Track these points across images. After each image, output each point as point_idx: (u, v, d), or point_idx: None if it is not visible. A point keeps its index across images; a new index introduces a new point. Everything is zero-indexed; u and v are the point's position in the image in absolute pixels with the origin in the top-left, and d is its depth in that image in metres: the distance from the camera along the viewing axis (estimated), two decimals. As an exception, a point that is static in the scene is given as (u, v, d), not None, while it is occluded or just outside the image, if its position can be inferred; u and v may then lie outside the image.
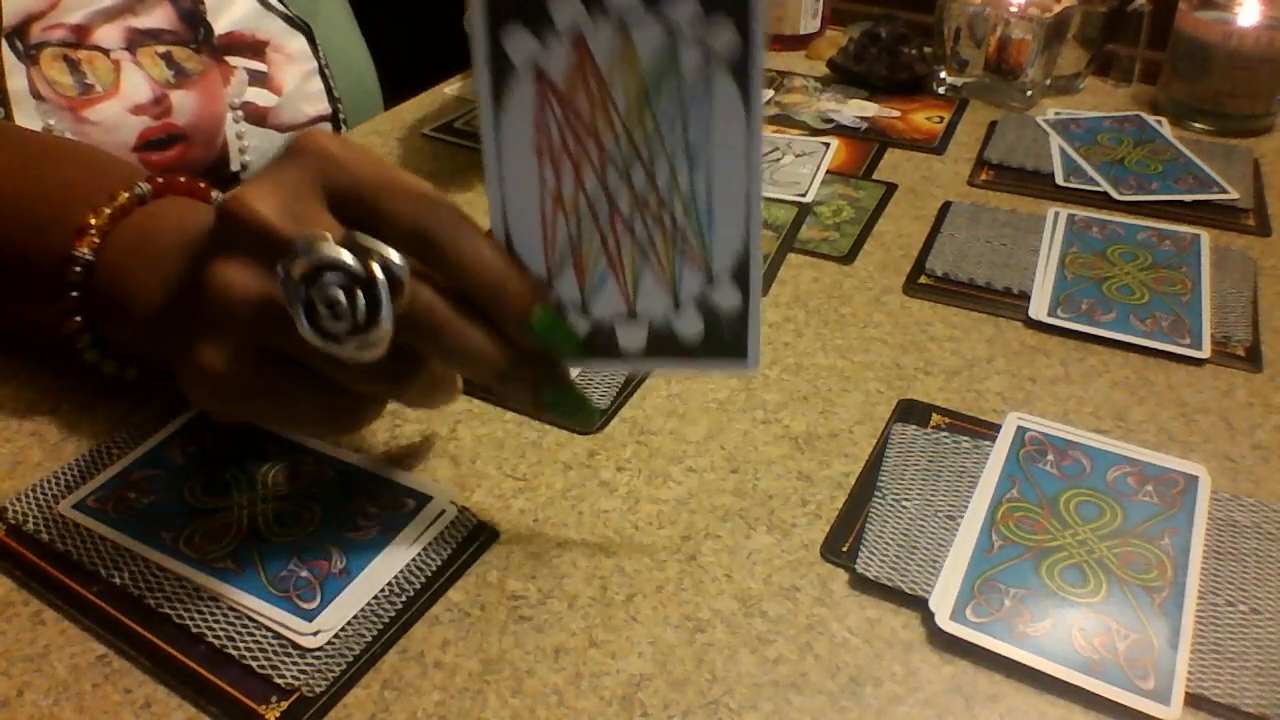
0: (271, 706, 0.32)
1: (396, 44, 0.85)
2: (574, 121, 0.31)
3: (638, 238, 0.33)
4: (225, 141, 0.67)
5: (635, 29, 0.30)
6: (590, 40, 0.30)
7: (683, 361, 0.35)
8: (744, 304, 0.34)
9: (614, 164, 0.32)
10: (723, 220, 0.32)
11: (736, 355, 0.34)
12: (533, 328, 0.33)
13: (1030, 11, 0.72)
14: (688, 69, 0.30)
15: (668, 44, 0.30)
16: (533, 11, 0.30)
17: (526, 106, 0.31)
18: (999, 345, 0.49)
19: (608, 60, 0.31)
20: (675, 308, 0.34)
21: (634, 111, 0.31)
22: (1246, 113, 0.71)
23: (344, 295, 0.31)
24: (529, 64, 0.31)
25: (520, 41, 0.30)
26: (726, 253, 0.33)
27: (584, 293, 0.34)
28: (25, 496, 0.39)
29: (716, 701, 0.32)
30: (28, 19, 0.60)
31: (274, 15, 0.71)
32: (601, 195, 0.32)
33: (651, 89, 0.31)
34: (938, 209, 0.62)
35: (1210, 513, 0.39)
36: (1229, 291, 0.53)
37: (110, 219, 0.40)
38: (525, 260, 0.33)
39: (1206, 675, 0.33)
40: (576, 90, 0.31)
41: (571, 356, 0.35)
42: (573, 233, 0.33)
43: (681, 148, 0.32)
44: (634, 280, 0.33)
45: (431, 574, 0.36)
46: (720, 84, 0.31)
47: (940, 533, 0.38)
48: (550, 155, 0.32)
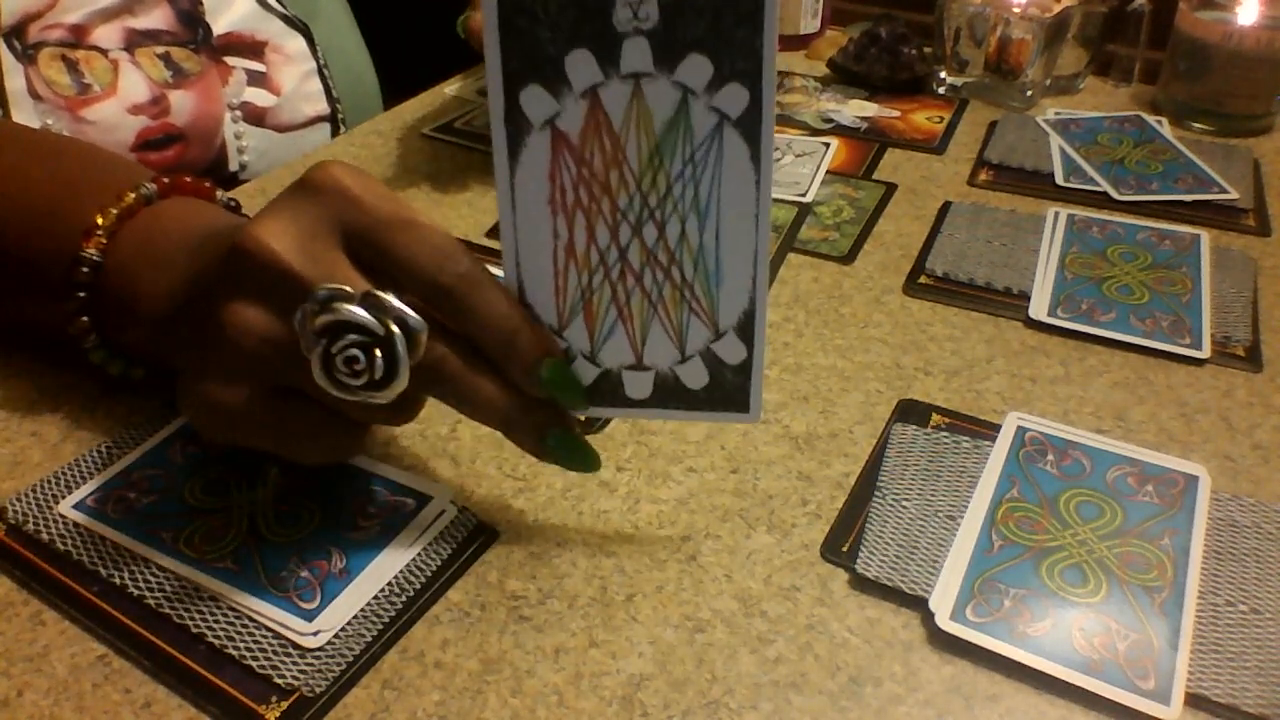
0: (271, 706, 0.32)
1: (396, 44, 0.85)
2: (587, 177, 0.32)
3: (647, 291, 0.34)
4: (224, 141, 0.67)
5: (649, 90, 0.31)
6: (605, 99, 0.31)
7: (686, 411, 0.36)
8: (748, 358, 0.35)
9: (626, 219, 0.33)
10: (730, 276, 0.33)
11: (739, 408, 0.35)
12: (541, 379, 0.34)
13: (1030, 11, 0.72)
14: (699, 129, 0.31)
15: (681, 105, 0.31)
16: (550, 73, 0.31)
17: (541, 161, 0.32)
18: (999, 345, 0.49)
19: (622, 119, 0.31)
20: (681, 360, 0.35)
21: (646, 168, 0.32)
22: (1246, 113, 0.71)
23: (362, 353, 0.32)
24: (544, 121, 0.31)
25: (537, 101, 0.31)
26: (733, 308, 0.34)
27: (593, 342, 0.35)
28: (25, 496, 0.39)
29: (716, 701, 0.32)
30: (26, 19, 0.60)
31: (273, 16, 0.71)
32: (613, 248, 0.33)
33: (664, 147, 0.32)
34: (938, 209, 0.62)
35: (1210, 513, 0.39)
36: (1229, 291, 0.53)
37: (117, 219, 0.40)
38: (537, 308, 0.34)
39: (1206, 675, 0.33)
40: (590, 147, 0.32)
41: (577, 406, 0.36)
42: (584, 284, 0.34)
43: (692, 205, 0.32)
44: (642, 332, 0.34)
45: (431, 574, 0.36)
46: (731, 144, 0.31)
47: (940, 533, 0.38)
48: (564, 208, 0.33)
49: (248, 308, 0.33)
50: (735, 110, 0.31)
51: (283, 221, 0.33)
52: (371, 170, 0.66)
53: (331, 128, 0.74)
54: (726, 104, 0.31)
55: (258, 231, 0.33)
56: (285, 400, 0.34)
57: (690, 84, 0.31)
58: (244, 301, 0.33)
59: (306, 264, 0.33)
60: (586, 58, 0.30)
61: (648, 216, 0.33)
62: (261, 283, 0.33)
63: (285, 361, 0.33)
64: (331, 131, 0.74)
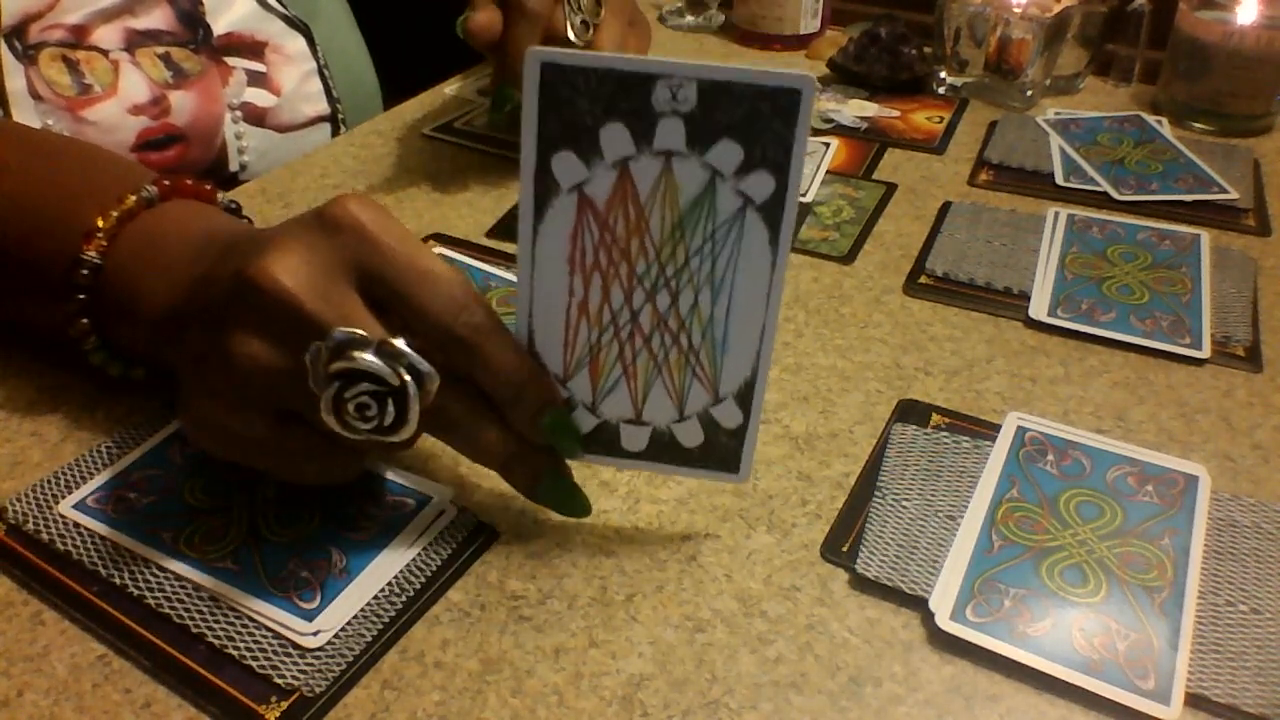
0: (271, 706, 0.32)
1: (396, 44, 0.85)
2: (609, 241, 0.33)
3: (654, 352, 0.35)
4: (224, 142, 0.67)
5: (679, 167, 0.31)
6: (635, 172, 0.32)
7: (677, 467, 0.37)
8: (744, 424, 0.36)
9: (642, 284, 0.33)
10: (736, 347, 0.34)
11: (729, 469, 0.37)
12: (543, 429, 0.35)
13: (1030, 11, 0.72)
14: (723, 210, 0.32)
15: (708, 185, 0.32)
16: (585, 142, 0.31)
17: (565, 222, 0.33)
18: (999, 345, 0.49)
19: (649, 191, 0.32)
20: (679, 419, 0.36)
21: (667, 240, 0.33)
22: (1246, 113, 0.71)
23: (374, 401, 0.32)
24: (573, 186, 0.32)
25: (568, 166, 0.32)
26: (735, 377, 0.35)
27: (595, 394, 0.36)
28: (25, 496, 0.39)
29: (716, 701, 0.32)
30: (26, 19, 0.60)
31: (273, 16, 0.71)
32: (626, 310, 0.34)
33: (687, 222, 0.32)
34: (938, 209, 0.62)
35: (1210, 513, 0.39)
36: (1229, 291, 0.53)
37: (118, 222, 0.40)
38: (544, 356, 0.35)
39: (1206, 675, 0.33)
40: (615, 214, 0.32)
41: (574, 455, 0.37)
42: (593, 340, 0.34)
43: (707, 279, 0.33)
44: (644, 390, 0.35)
45: (431, 574, 0.36)
46: (752, 227, 0.32)
47: (940, 533, 0.38)
48: (582, 269, 0.33)
49: (256, 341, 0.33)
50: (760, 196, 0.32)
51: (296, 257, 0.33)
52: (371, 170, 0.66)
53: (332, 128, 0.74)
54: (752, 189, 0.32)
55: (271, 266, 0.33)
56: (286, 425, 0.35)
57: (719, 167, 0.31)
58: (252, 335, 0.33)
59: (320, 304, 0.32)
60: (621, 132, 0.31)
61: (663, 285, 0.33)
62: (273, 318, 0.33)
63: (290, 393, 0.33)
64: (332, 132, 0.74)
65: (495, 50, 0.59)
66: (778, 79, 0.30)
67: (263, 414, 0.34)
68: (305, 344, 0.32)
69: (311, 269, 0.33)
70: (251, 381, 0.33)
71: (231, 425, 0.34)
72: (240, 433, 0.34)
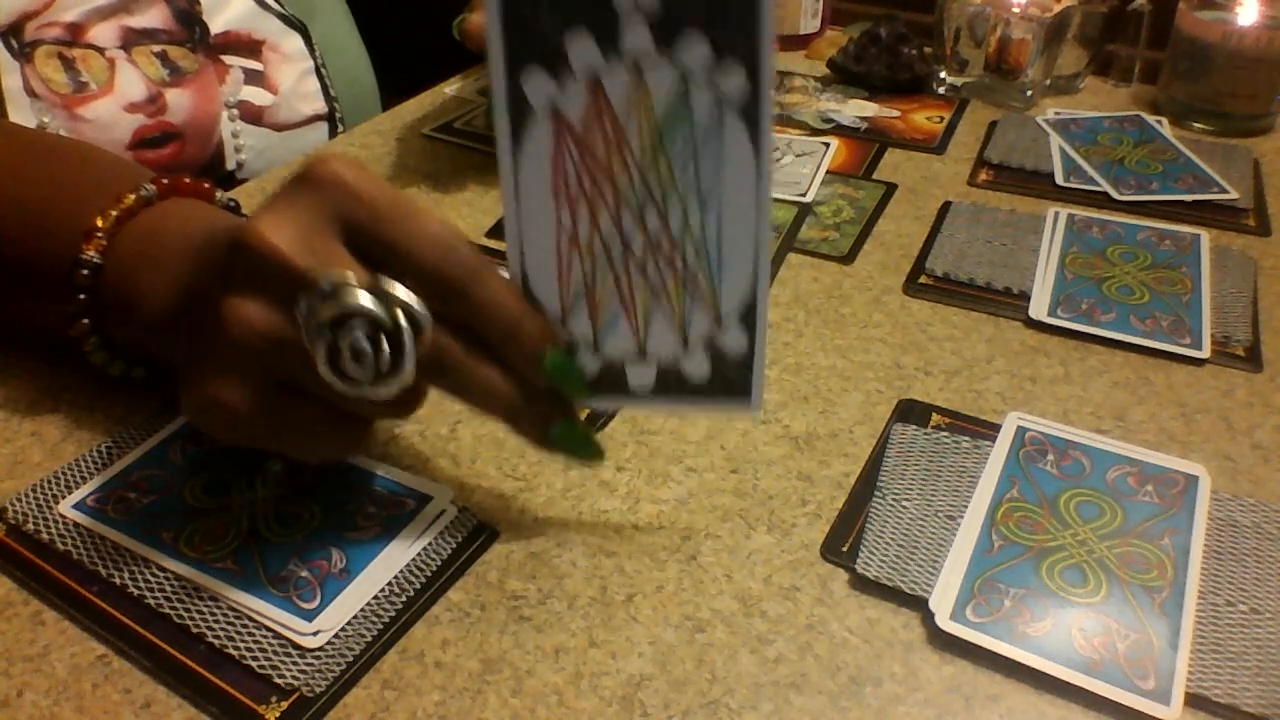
0: (271, 706, 0.32)
1: (394, 43, 0.85)
2: (590, 163, 0.32)
3: (650, 279, 0.34)
4: (220, 140, 0.67)
5: (649, 72, 0.31)
6: (606, 83, 0.31)
7: (688, 402, 0.36)
8: (750, 348, 0.35)
9: (628, 206, 0.33)
10: (732, 264, 0.33)
11: (740, 396, 0.36)
12: (544, 368, 0.34)
13: (1030, 11, 0.72)
14: (700, 113, 0.31)
15: (680, 87, 0.31)
16: (550, 55, 0.31)
17: (544, 148, 0.32)
18: (999, 345, 0.49)
19: (623, 103, 0.31)
20: (684, 349, 0.35)
21: (648, 154, 0.32)
22: (1246, 113, 0.71)
23: (369, 345, 0.32)
24: (547, 107, 0.32)
25: (538, 84, 0.31)
26: (734, 296, 0.34)
27: (596, 332, 0.35)
28: (25, 496, 0.39)
29: (716, 701, 0.32)
30: (23, 17, 0.60)
31: (270, 14, 0.71)
32: (616, 237, 0.33)
33: (665, 132, 0.32)
34: (938, 209, 0.62)
35: (1210, 513, 0.39)
36: (1229, 291, 0.53)
37: (117, 221, 0.40)
38: (540, 298, 0.34)
39: (1206, 675, 0.33)
40: (592, 132, 0.32)
41: (580, 396, 0.36)
42: (587, 273, 0.34)
43: (694, 190, 0.32)
44: (645, 321, 0.35)
45: (431, 574, 0.36)
46: (731, 128, 0.32)
47: (940, 533, 0.38)
48: (567, 197, 0.33)
49: (247, 302, 0.33)
50: (735, 93, 0.31)
51: (281, 216, 0.33)
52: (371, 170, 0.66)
53: (329, 127, 0.74)
54: (726, 87, 0.31)
55: (257, 226, 0.33)
56: (286, 396, 0.34)
57: (690, 66, 0.31)
58: (243, 296, 0.33)
59: (306, 255, 0.32)
60: (586, 39, 0.30)
61: (650, 203, 0.33)
62: (262, 276, 0.33)
63: (286, 356, 0.33)
64: (329, 130, 0.74)
65: None
66: None
67: (261, 383, 0.34)
68: (296, 299, 0.32)
69: (298, 225, 0.33)
70: (248, 346, 0.33)
71: (230, 398, 0.34)
72: (239, 405, 0.34)
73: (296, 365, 0.33)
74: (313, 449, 0.36)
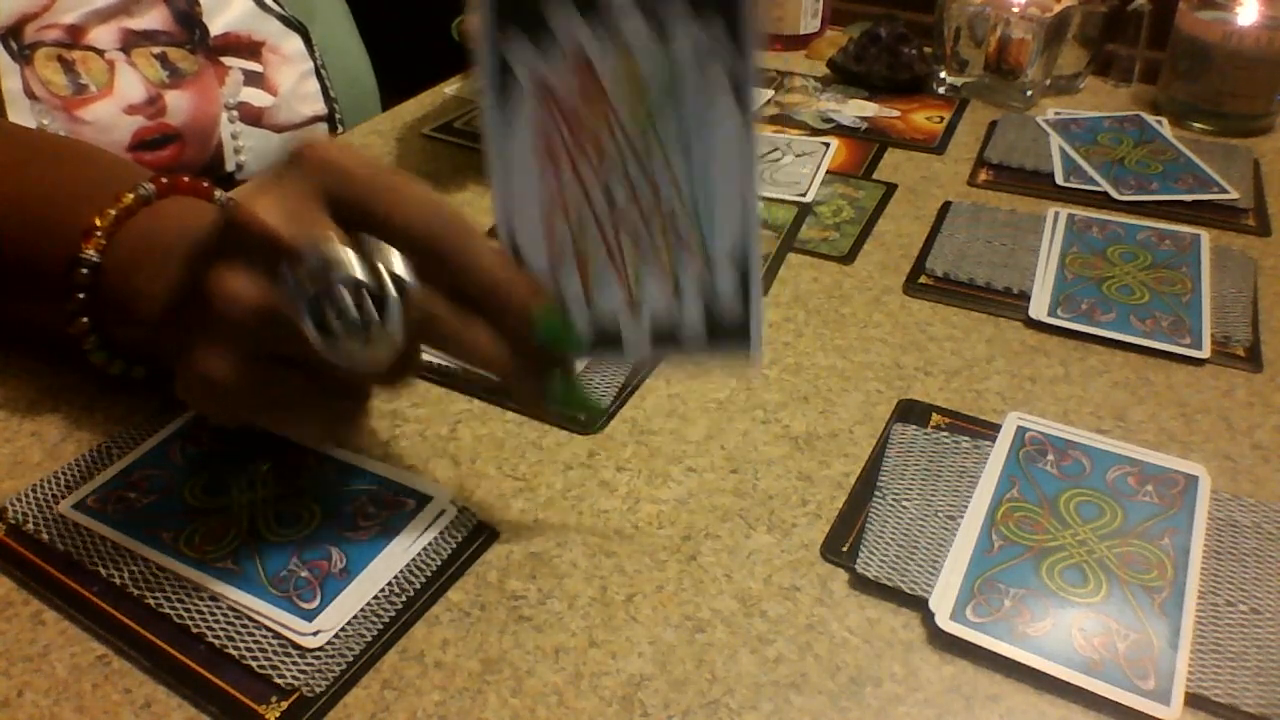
0: (271, 706, 0.32)
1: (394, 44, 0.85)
2: (573, 122, 0.32)
3: (637, 229, 0.34)
4: (220, 142, 0.67)
5: (628, 30, 0.31)
6: (587, 45, 0.31)
7: (686, 352, 0.35)
8: (744, 288, 0.34)
9: (611, 161, 0.33)
10: (720, 208, 0.33)
11: (738, 342, 0.35)
12: (535, 327, 0.34)
13: (1030, 11, 0.72)
14: (680, 60, 0.31)
15: (659, 36, 0.31)
16: (533, 21, 0.31)
17: (528, 110, 0.32)
18: (999, 345, 0.49)
19: (604, 62, 0.31)
20: (676, 298, 0.34)
21: (629, 107, 0.32)
22: (1246, 113, 0.71)
23: (353, 305, 0.31)
24: (530, 70, 0.31)
25: (522, 50, 0.31)
26: (725, 240, 0.33)
27: (587, 287, 0.34)
28: (25, 496, 0.39)
29: (716, 701, 0.32)
30: (22, 19, 0.60)
31: (270, 16, 0.71)
32: (599, 190, 0.33)
33: (645, 80, 0.32)
34: (938, 209, 0.62)
35: (1210, 513, 0.39)
36: (1229, 291, 0.53)
37: (115, 220, 0.40)
38: (528, 258, 0.34)
39: (1206, 675, 0.33)
40: (573, 90, 0.32)
41: (575, 351, 0.35)
42: (574, 230, 0.34)
43: (677, 145, 0.32)
44: (635, 272, 0.34)
45: (431, 574, 0.36)
46: (712, 76, 0.31)
47: (940, 533, 0.38)
48: (551, 156, 0.33)
49: (233, 274, 0.33)
50: (714, 40, 0.31)
51: (269, 194, 0.33)
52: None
53: (329, 128, 0.74)
54: (705, 34, 0.31)
55: (244, 203, 0.33)
56: (275, 369, 0.34)
57: (666, 15, 0.31)
58: (229, 268, 0.33)
59: (290, 225, 0.32)
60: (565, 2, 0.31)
61: (633, 158, 0.33)
62: (249, 249, 0.33)
63: (273, 326, 0.33)
64: (329, 131, 0.74)
65: None
66: None
67: (248, 355, 0.34)
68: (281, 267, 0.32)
69: (283, 199, 0.33)
70: (233, 315, 0.33)
71: (218, 372, 0.33)
72: (227, 378, 0.34)
73: (284, 335, 0.33)
74: (305, 424, 0.36)
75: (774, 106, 0.76)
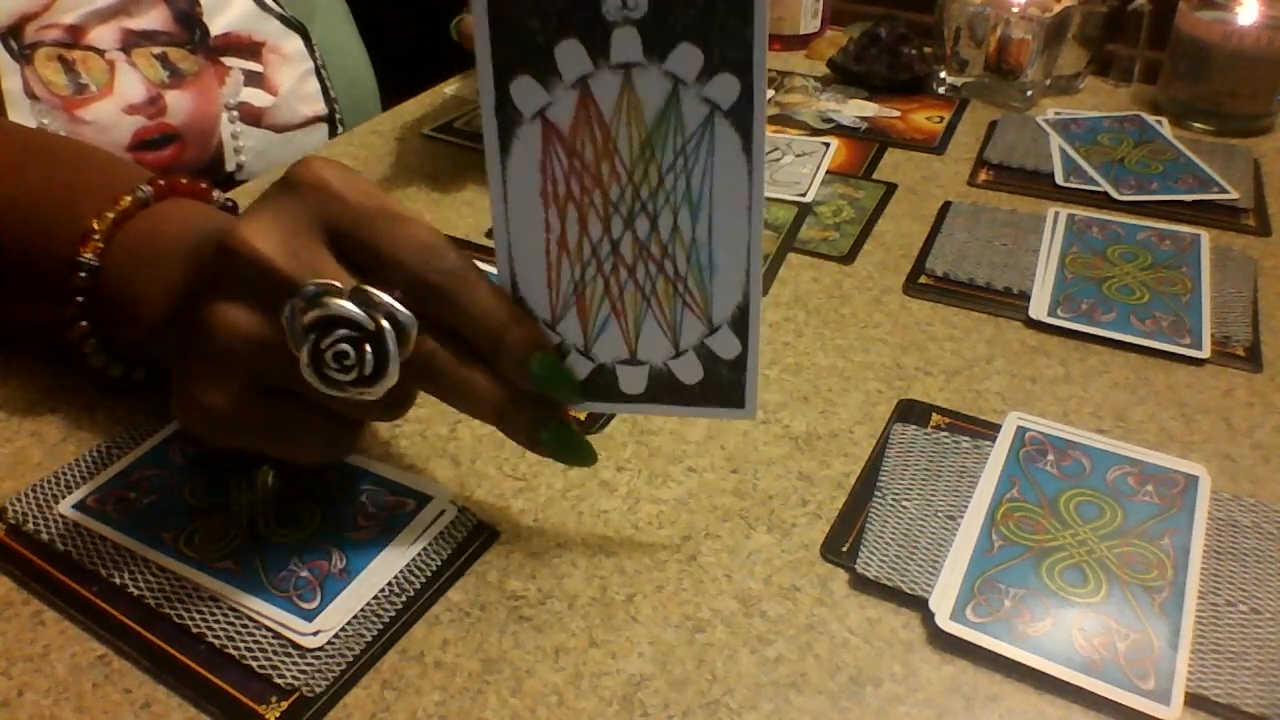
0: (271, 706, 0.32)
1: (394, 43, 0.85)
2: (579, 168, 0.32)
3: (640, 284, 0.34)
4: (220, 141, 0.67)
5: (639, 80, 0.31)
6: (595, 90, 0.31)
7: (681, 406, 0.36)
8: (743, 353, 0.34)
9: (618, 211, 0.33)
10: (724, 270, 0.33)
11: (734, 403, 0.35)
12: (532, 373, 0.34)
13: (1030, 11, 0.72)
14: (690, 120, 0.31)
15: (671, 95, 0.31)
16: (540, 63, 0.30)
17: (533, 153, 0.32)
18: (999, 345, 0.49)
19: (612, 109, 0.31)
20: (676, 354, 0.35)
21: (638, 160, 0.32)
22: (1246, 113, 0.71)
23: (352, 349, 0.32)
24: (536, 112, 0.31)
25: (528, 91, 0.31)
26: (727, 302, 0.34)
27: (587, 336, 0.35)
28: (25, 496, 0.39)
29: (716, 701, 0.32)
30: (23, 19, 0.60)
31: (270, 16, 0.71)
32: (605, 241, 0.33)
33: (655, 138, 0.31)
34: (938, 209, 0.62)
35: (1210, 513, 0.39)
36: (1229, 291, 0.53)
37: (113, 224, 0.40)
38: (530, 303, 0.34)
39: (1206, 675, 0.33)
40: (581, 138, 0.32)
41: (571, 400, 0.36)
42: (577, 278, 0.34)
43: (685, 197, 0.32)
44: (636, 325, 0.34)
45: (431, 574, 0.36)
46: (722, 135, 0.31)
47: (940, 533, 0.38)
48: (555, 201, 0.32)
49: (232, 307, 0.33)
50: (726, 100, 0.31)
51: (265, 220, 0.33)
52: (371, 170, 0.66)
53: (329, 128, 0.74)
54: (717, 94, 0.31)
55: (240, 230, 0.33)
56: (273, 400, 0.34)
57: (680, 74, 0.30)
58: (228, 301, 0.33)
59: (290, 261, 0.32)
60: (576, 48, 0.30)
61: (640, 209, 0.32)
62: (246, 281, 0.33)
63: (272, 360, 0.33)
64: (329, 132, 0.74)
65: None
66: None
67: (247, 387, 0.34)
68: (281, 303, 0.32)
69: (281, 230, 0.33)
70: (233, 350, 0.33)
71: (216, 401, 0.34)
72: (225, 409, 0.34)
73: (282, 369, 0.33)
74: (302, 451, 0.36)
75: (774, 106, 0.76)
